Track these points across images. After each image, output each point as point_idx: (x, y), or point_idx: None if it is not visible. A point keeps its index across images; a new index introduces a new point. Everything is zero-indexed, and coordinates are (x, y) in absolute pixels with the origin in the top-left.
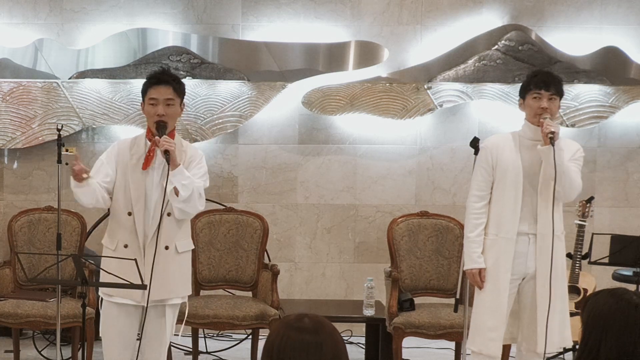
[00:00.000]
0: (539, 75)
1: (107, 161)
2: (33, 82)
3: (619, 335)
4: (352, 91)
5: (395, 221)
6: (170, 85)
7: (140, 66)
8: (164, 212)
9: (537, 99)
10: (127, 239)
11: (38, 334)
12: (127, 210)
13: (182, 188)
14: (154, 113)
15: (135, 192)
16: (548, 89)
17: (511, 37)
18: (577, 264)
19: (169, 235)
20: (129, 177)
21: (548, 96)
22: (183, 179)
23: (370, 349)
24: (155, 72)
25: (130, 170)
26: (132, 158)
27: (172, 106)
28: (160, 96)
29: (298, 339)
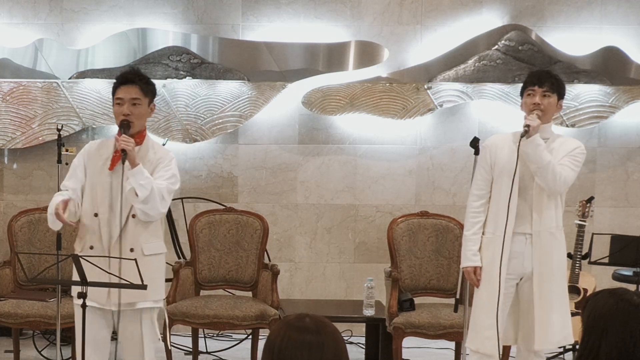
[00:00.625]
0: (534, 72)
1: (78, 163)
2: (33, 82)
3: (619, 336)
4: (352, 91)
5: (395, 221)
6: (137, 85)
7: (140, 66)
8: (129, 214)
9: (531, 96)
10: (93, 241)
11: (38, 334)
12: (93, 212)
13: (139, 188)
14: (120, 113)
15: (101, 194)
16: (541, 85)
17: (511, 37)
18: (577, 264)
19: (134, 237)
20: (96, 178)
21: (541, 92)
22: (141, 179)
23: (370, 349)
24: (122, 72)
25: (97, 172)
26: (101, 159)
27: (138, 106)
28: (126, 95)
29: (300, 338)
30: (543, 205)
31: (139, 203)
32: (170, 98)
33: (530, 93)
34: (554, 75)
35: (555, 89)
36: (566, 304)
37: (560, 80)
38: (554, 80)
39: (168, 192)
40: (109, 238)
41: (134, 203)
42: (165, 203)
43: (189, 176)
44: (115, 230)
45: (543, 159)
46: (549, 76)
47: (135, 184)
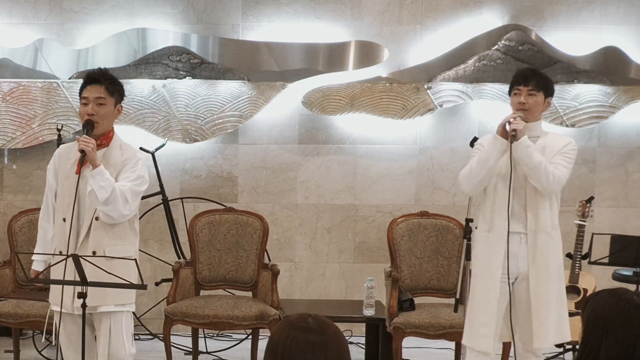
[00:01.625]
0: (520, 71)
1: (49, 171)
2: (33, 82)
3: (619, 336)
4: (352, 91)
5: (395, 221)
6: (102, 85)
7: (140, 66)
8: (93, 217)
9: (517, 95)
10: (61, 245)
11: (38, 333)
12: (62, 217)
13: (99, 190)
14: (85, 112)
15: (68, 198)
16: (527, 84)
17: (511, 37)
18: (577, 264)
19: (96, 240)
20: (65, 182)
21: (527, 91)
22: (101, 180)
23: (370, 349)
24: (89, 72)
25: (65, 176)
26: (69, 162)
27: (103, 106)
28: (91, 95)
29: (303, 339)
30: (538, 205)
31: (100, 205)
32: (170, 98)
33: (516, 92)
34: (539, 74)
35: (541, 87)
36: (563, 302)
37: (546, 78)
38: (539, 79)
39: (132, 194)
40: (75, 242)
41: (96, 205)
42: (128, 205)
43: (189, 176)
44: (81, 234)
45: (534, 160)
46: (535, 75)
47: (96, 185)
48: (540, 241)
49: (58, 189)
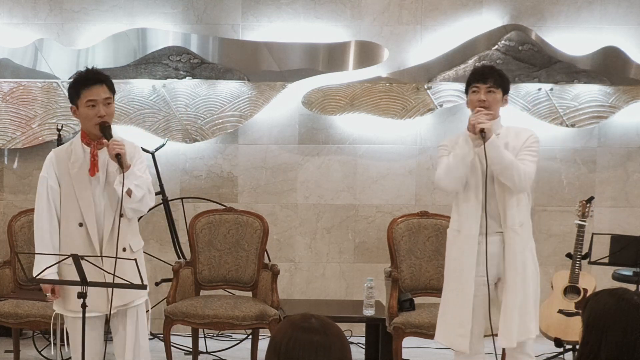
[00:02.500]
0: (478, 69)
1: (49, 176)
2: (33, 82)
3: (619, 335)
4: (352, 91)
5: (395, 221)
6: (104, 84)
7: (140, 66)
8: (115, 215)
9: (476, 92)
10: (81, 251)
11: (38, 334)
12: (77, 222)
13: (136, 189)
14: (95, 115)
15: (84, 202)
16: (485, 81)
17: (511, 37)
18: (577, 264)
19: (123, 236)
20: (75, 187)
21: (485, 89)
22: (135, 179)
23: (370, 349)
24: (86, 73)
25: (74, 180)
26: (73, 167)
27: (110, 105)
28: (99, 96)
29: (307, 339)
30: (506, 204)
31: (134, 202)
32: (170, 98)
33: (475, 90)
34: (497, 71)
35: (500, 84)
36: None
37: (504, 75)
38: (497, 76)
39: (152, 185)
40: (99, 243)
41: (128, 204)
42: (152, 196)
43: (189, 176)
44: (105, 234)
45: (505, 159)
46: (493, 72)
47: (132, 185)
48: (509, 240)
49: (64, 194)
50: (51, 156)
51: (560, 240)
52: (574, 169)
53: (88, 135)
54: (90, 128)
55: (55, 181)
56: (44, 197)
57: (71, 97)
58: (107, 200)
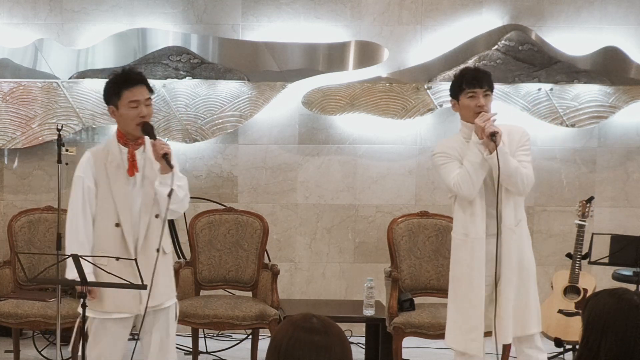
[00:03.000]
0: (469, 72)
1: (85, 175)
2: (33, 82)
3: (619, 335)
4: (352, 91)
5: (395, 221)
6: (145, 84)
7: (140, 66)
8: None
9: (473, 98)
10: (117, 251)
11: (38, 334)
12: (113, 222)
13: (178, 189)
14: (137, 115)
15: (121, 202)
16: (482, 85)
17: (511, 37)
18: (577, 264)
19: (158, 237)
20: (112, 187)
21: (482, 93)
22: (178, 179)
23: (370, 349)
24: (127, 73)
25: (112, 180)
26: (111, 166)
27: (150, 105)
28: (141, 97)
29: (308, 339)
30: (504, 204)
31: (174, 203)
32: (170, 98)
33: (472, 95)
34: (487, 72)
35: (491, 85)
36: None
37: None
38: (489, 78)
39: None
40: (134, 244)
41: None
42: (188, 197)
43: (189, 176)
44: (141, 235)
45: (511, 166)
46: (486, 75)
47: (175, 186)
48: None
49: (100, 194)
50: (88, 156)
51: (560, 240)
52: (574, 169)
53: (125, 135)
54: (130, 128)
55: (92, 181)
56: (79, 196)
57: (109, 98)
58: (143, 201)
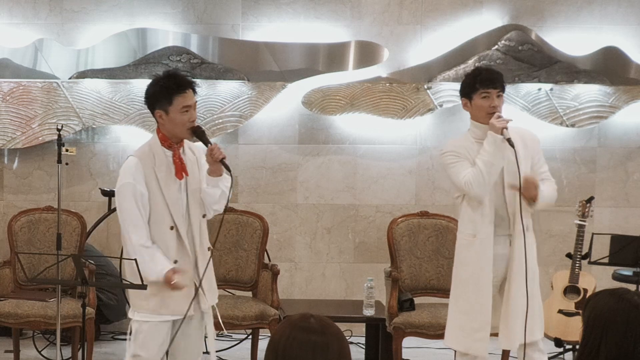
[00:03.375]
0: (484, 72)
1: (136, 181)
2: (33, 82)
3: (619, 335)
4: (352, 91)
5: (395, 221)
6: (191, 89)
7: (140, 66)
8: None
9: (487, 98)
10: (174, 254)
11: (38, 334)
12: (168, 225)
13: (227, 190)
14: (188, 119)
15: (173, 206)
16: (496, 86)
17: (511, 37)
18: (577, 264)
19: (206, 236)
20: (163, 191)
21: (496, 93)
22: (227, 181)
23: (370, 349)
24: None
25: (162, 184)
26: (160, 170)
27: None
28: (191, 102)
29: (305, 339)
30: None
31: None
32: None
33: (485, 95)
34: (500, 73)
35: (503, 88)
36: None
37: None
38: (502, 79)
39: None
40: (192, 245)
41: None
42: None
43: None
44: (196, 235)
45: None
46: (499, 75)
47: (225, 188)
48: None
49: (152, 198)
50: (135, 161)
51: (560, 240)
52: (574, 169)
53: (170, 138)
54: (180, 132)
55: (143, 186)
56: (132, 204)
57: (159, 103)
58: (191, 202)
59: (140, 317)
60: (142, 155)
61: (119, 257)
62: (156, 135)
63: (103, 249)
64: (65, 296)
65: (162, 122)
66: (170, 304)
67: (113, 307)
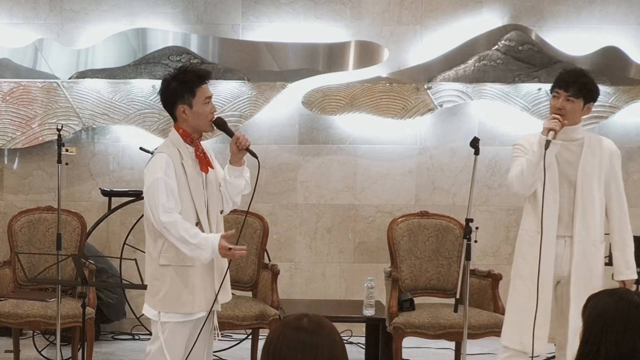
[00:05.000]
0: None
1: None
2: (33, 82)
3: (619, 335)
4: (352, 91)
5: (395, 221)
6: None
7: (140, 66)
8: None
9: (555, 98)
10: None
11: (38, 334)
12: (194, 221)
13: (249, 180)
14: (210, 111)
15: (198, 201)
16: (567, 89)
17: (511, 37)
18: None
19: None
20: (190, 186)
21: (565, 96)
22: (247, 172)
23: (370, 349)
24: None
25: (190, 179)
26: (187, 165)
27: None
28: (211, 92)
29: (294, 338)
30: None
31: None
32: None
33: (555, 95)
34: (583, 79)
35: (582, 93)
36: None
37: (590, 83)
38: (581, 85)
39: None
40: None
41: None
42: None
43: None
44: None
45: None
46: (577, 80)
47: (247, 177)
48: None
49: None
50: (165, 157)
51: None
52: None
53: (192, 134)
54: (203, 125)
55: (174, 181)
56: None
57: (181, 98)
58: (211, 198)
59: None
60: (170, 152)
61: (119, 257)
62: (175, 132)
63: (103, 249)
64: (65, 296)
65: (184, 118)
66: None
67: (113, 306)
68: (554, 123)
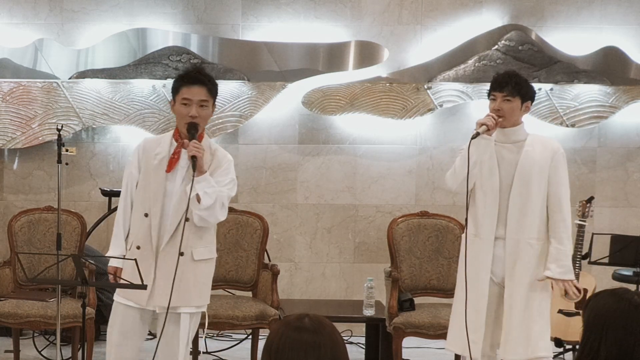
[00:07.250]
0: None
1: (132, 161)
2: (33, 82)
3: (619, 335)
4: (352, 91)
5: (395, 221)
6: (205, 86)
7: (140, 66)
8: (182, 218)
9: (493, 100)
10: (140, 241)
11: (38, 334)
12: (144, 211)
13: (204, 196)
14: (186, 114)
15: (153, 194)
16: (502, 90)
17: (511, 37)
18: (577, 264)
19: (186, 241)
20: (151, 177)
21: (502, 97)
22: (207, 186)
23: (370, 349)
24: (190, 71)
25: (152, 171)
26: (155, 158)
27: (205, 108)
28: (194, 97)
29: (296, 338)
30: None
31: (201, 210)
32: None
33: (492, 98)
34: (515, 79)
35: (517, 92)
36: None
37: (523, 82)
38: (514, 85)
39: (227, 199)
40: (158, 240)
41: (195, 209)
42: (224, 210)
43: None
44: (167, 233)
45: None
46: (510, 80)
47: (201, 191)
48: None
49: (140, 181)
50: (140, 144)
51: None
52: (574, 169)
53: (178, 132)
54: (180, 125)
55: (136, 168)
56: (125, 184)
57: (172, 93)
58: (177, 201)
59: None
60: (148, 140)
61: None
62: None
63: (103, 249)
64: (65, 296)
65: (174, 114)
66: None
67: None
68: (488, 119)
